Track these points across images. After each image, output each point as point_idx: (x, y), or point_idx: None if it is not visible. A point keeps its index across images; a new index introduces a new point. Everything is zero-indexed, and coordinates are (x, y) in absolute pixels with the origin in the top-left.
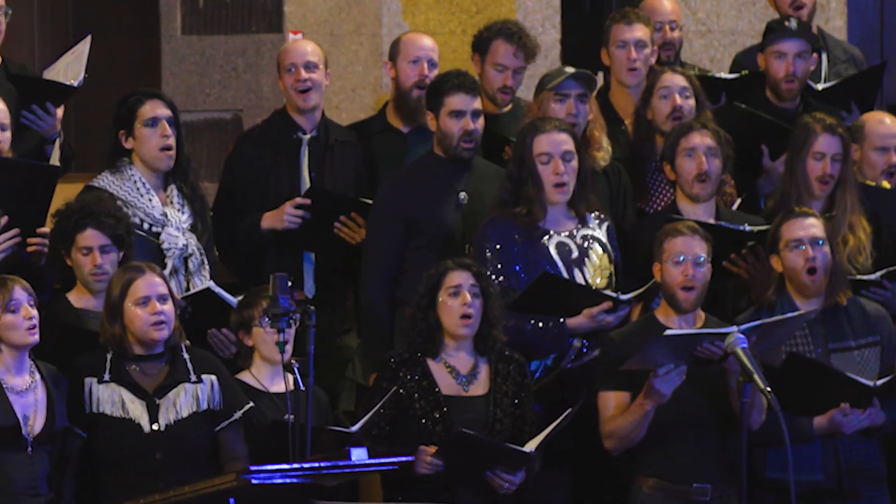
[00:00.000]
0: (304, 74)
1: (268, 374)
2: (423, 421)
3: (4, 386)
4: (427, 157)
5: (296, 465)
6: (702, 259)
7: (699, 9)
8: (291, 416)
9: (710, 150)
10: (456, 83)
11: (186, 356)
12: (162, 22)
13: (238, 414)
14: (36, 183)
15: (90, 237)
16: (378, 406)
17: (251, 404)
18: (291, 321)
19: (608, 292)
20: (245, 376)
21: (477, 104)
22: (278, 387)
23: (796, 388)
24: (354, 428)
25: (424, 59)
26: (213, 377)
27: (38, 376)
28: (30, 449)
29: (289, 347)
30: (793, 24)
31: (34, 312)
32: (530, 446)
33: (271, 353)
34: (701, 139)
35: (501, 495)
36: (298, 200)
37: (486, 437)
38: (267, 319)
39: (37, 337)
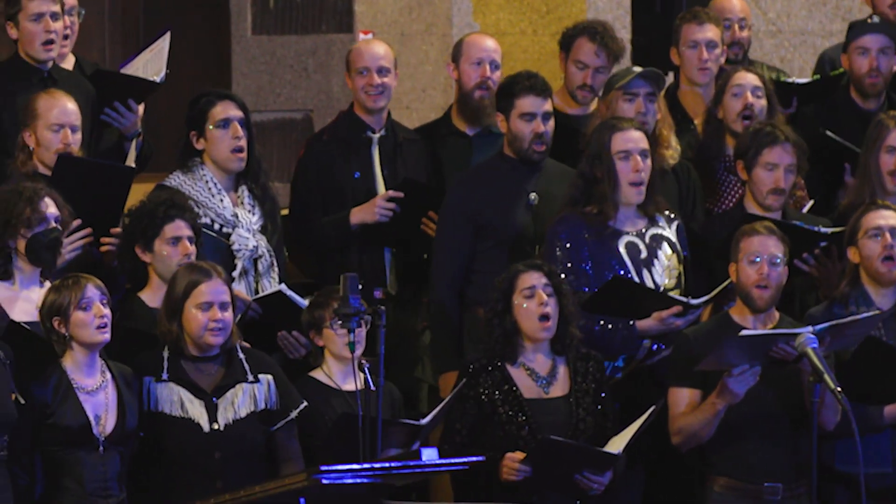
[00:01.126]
0: (377, 80)
1: (339, 372)
2: (507, 426)
3: (75, 385)
4: (497, 158)
5: (366, 465)
6: (778, 259)
7: (769, 9)
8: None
9: (790, 167)
10: (527, 85)
11: (242, 356)
12: (232, 22)
13: (294, 413)
14: (112, 183)
15: (179, 227)
16: (446, 402)
17: (305, 403)
18: (362, 321)
19: (678, 297)
20: (318, 374)
21: (548, 106)
22: (350, 385)
23: (869, 374)
24: (424, 421)
25: (487, 61)
26: (270, 377)
27: (108, 376)
28: (101, 449)
29: (360, 346)
30: (875, 19)
31: (106, 311)
32: (616, 446)
33: (342, 353)
34: (783, 156)
35: (582, 494)
36: (391, 193)
37: (573, 443)
38: (338, 321)
39: (107, 336)
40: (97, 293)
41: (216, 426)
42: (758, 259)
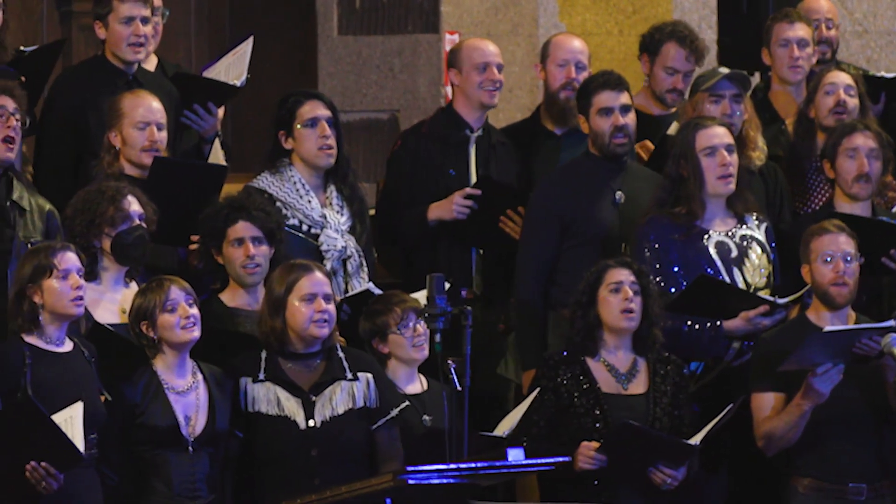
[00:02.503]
0: (496, 75)
1: (403, 375)
2: (583, 419)
3: (165, 386)
4: (583, 157)
5: (452, 466)
6: (850, 256)
7: (856, 9)
8: (428, 418)
9: (872, 151)
10: (601, 81)
11: (342, 354)
12: (318, 22)
13: (394, 412)
14: (204, 182)
15: (241, 229)
16: (527, 407)
17: (407, 403)
18: (448, 322)
19: (765, 296)
20: None
21: (624, 99)
22: (413, 388)
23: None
24: (505, 432)
25: (573, 62)
26: (369, 375)
27: (199, 377)
28: (190, 449)
29: (425, 347)
30: None
31: (192, 311)
32: (693, 440)
33: (410, 356)
34: (864, 140)
35: (661, 492)
36: (468, 190)
37: (650, 429)
38: (404, 324)
39: (196, 333)
40: (182, 294)
41: (312, 423)
42: (831, 257)
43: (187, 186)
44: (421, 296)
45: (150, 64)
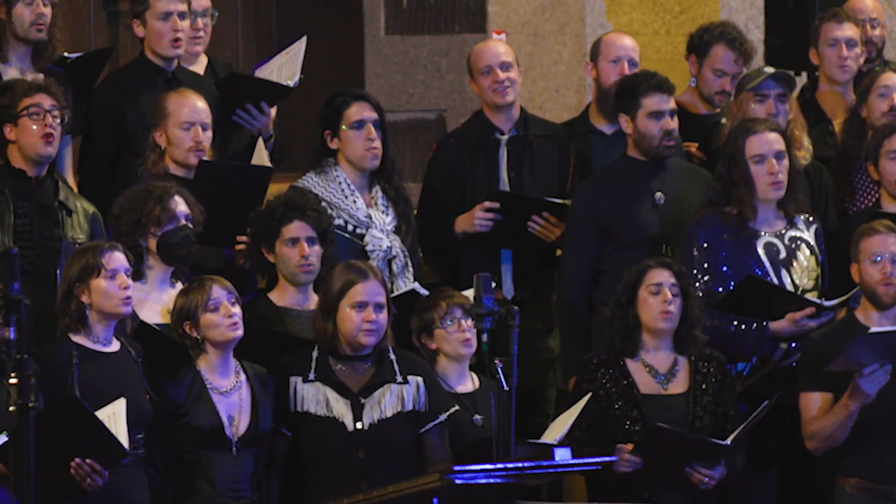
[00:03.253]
0: (501, 75)
1: (454, 374)
2: (622, 421)
3: (209, 386)
4: (621, 160)
5: (499, 466)
6: None
7: None
8: (479, 417)
9: None
10: (653, 84)
11: (393, 357)
12: (365, 22)
13: (443, 416)
14: (249, 183)
15: (297, 228)
16: (577, 416)
17: (456, 407)
18: (494, 321)
19: (812, 298)
20: None
21: (672, 104)
22: (464, 387)
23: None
24: (555, 439)
25: (625, 59)
26: (419, 379)
27: (243, 377)
28: (234, 450)
29: (472, 344)
30: None
31: (235, 310)
32: (727, 439)
33: (457, 352)
34: None
35: (703, 492)
36: (487, 204)
37: (679, 430)
38: (449, 319)
39: (239, 332)
40: (224, 293)
41: (360, 425)
42: (879, 258)
43: (232, 188)
44: (470, 293)
45: (200, 65)
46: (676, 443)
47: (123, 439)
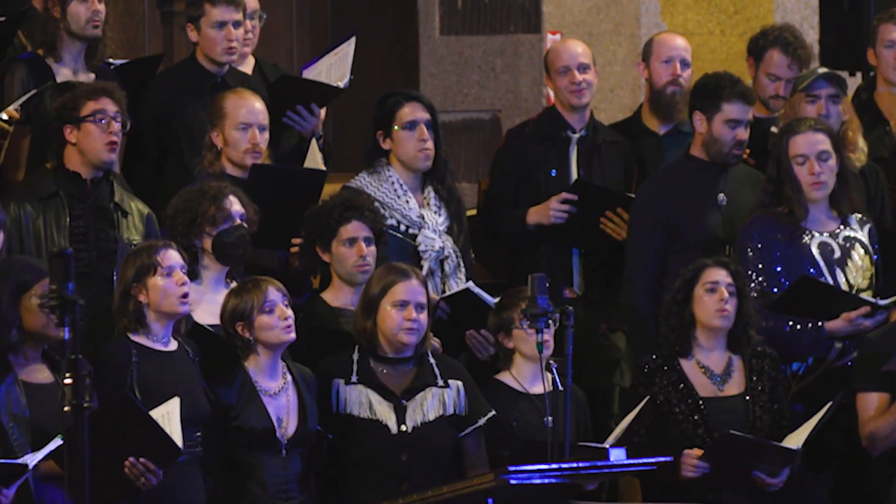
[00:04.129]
0: (578, 77)
1: (529, 375)
2: (683, 425)
3: (258, 388)
4: (685, 160)
5: (554, 466)
6: None
7: None
8: (550, 419)
9: None
10: (736, 91)
11: (433, 361)
12: (420, 22)
13: (482, 421)
14: (304, 186)
15: (355, 228)
16: (632, 418)
17: (494, 412)
18: (550, 321)
19: (867, 297)
20: (505, 377)
21: (750, 115)
22: (539, 388)
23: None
24: (608, 442)
25: (677, 59)
26: (460, 383)
27: (289, 378)
28: (284, 451)
29: (550, 345)
30: None
31: (289, 312)
32: (794, 442)
33: (534, 352)
34: None
35: (765, 494)
36: (564, 195)
37: (752, 437)
38: (527, 321)
39: (293, 335)
40: (279, 295)
41: (404, 428)
42: None
43: (286, 191)
44: None
45: (248, 65)
46: (747, 449)
47: (177, 438)
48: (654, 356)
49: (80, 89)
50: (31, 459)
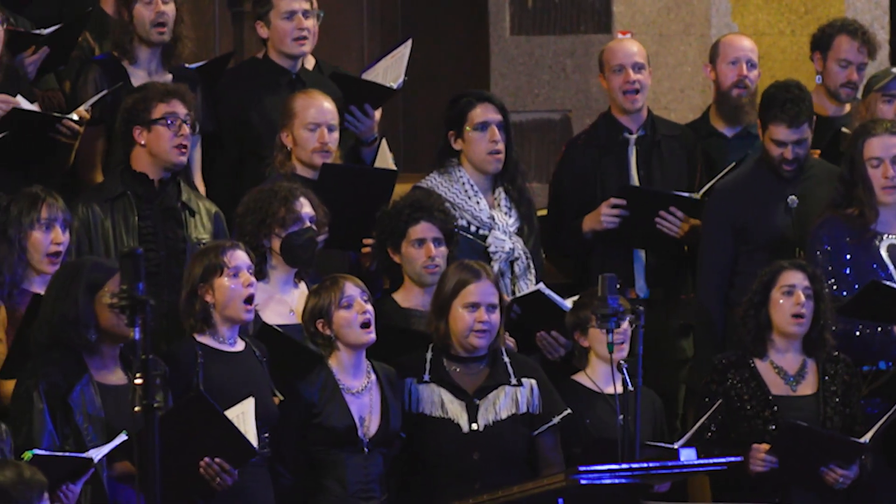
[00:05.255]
0: (632, 76)
1: (603, 375)
2: (753, 421)
3: (341, 387)
4: (758, 162)
5: (625, 466)
6: None
7: None
8: (621, 418)
9: None
10: (784, 116)
11: (507, 359)
12: (491, 22)
13: (556, 419)
14: (374, 186)
15: (424, 229)
16: (704, 418)
17: (569, 411)
18: (620, 321)
19: None
20: (580, 377)
21: (796, 136)
22: (612, 388)
23: None
24: (678, 444)
25: (743, 60)
26: (533, 381)
27: (373, 377)
28: (365, 450)
29: (625, 347)
30: None
31: (368, 307)
32: (864, 438)
33: (606, 354)
34: None
35: (835, 492)
36: (613, 201)
37: (819, 429)
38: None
39: (373, 336)
40: (357, 291)
41: (475, 427)
42: None
43: (357, 191)
44: None
45: (308, 65)
46: (813, 441)
47: (252, 438)
48: (727, 353)
49: (151, 91)
50: (96, 454)
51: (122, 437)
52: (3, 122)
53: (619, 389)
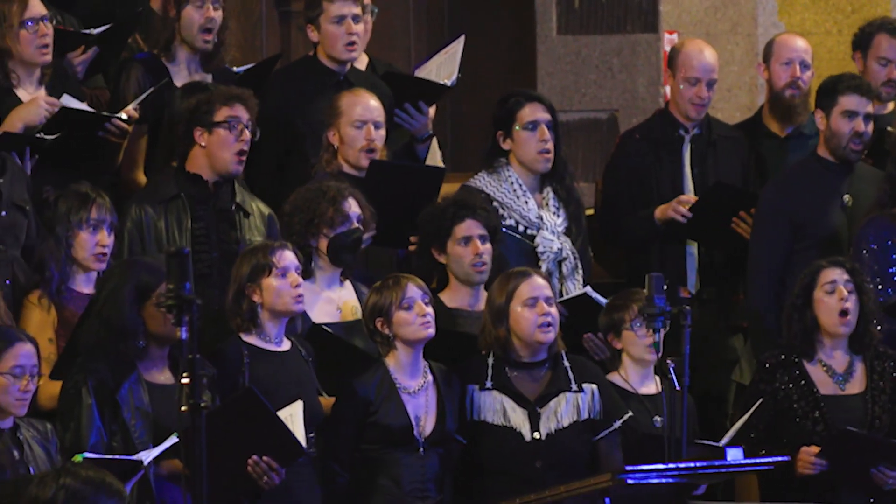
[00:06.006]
0: (705, 93)
1: (637, 375)
2: (802, 422)
3: (398, 386)
4: (811, 159)
5: (671, 466)
6: None
7: None
8: (659, 419)
9: None
10: (852, 84)
11: (567, 364)
12: (537, 22)
13: (617, 423)
14: (422, 184)
15: (469, 227)
16: (745, 417)
17: (630, 413)
18: (667, 322)
19: None
20: (613, 377)
21: (870, 108)
22: (647, 388)
23: None
24: (723, 441)
25: (797, 61)
26: (594, 386)
27: (430, 377)
28: (421, 450)
29: (660, 346)
30: None
31: (429, 310)
32: None
33: (642, 355)
34: None
35: (885, 492)
36: (683, 197)
37: (869, 434)
38: (638, 322)
39: (431, 331)
40: (419, 292)
41: (537, 435)
42: None
43: (404, 188)
44: None
45: (361, 63)
46: (866, 446)
47: (301, 439)
48: (775, 353)
49: (216, 93)
50: (147, 456)
51: (173, 440)
52: (53, 123)
53: (655, 390)
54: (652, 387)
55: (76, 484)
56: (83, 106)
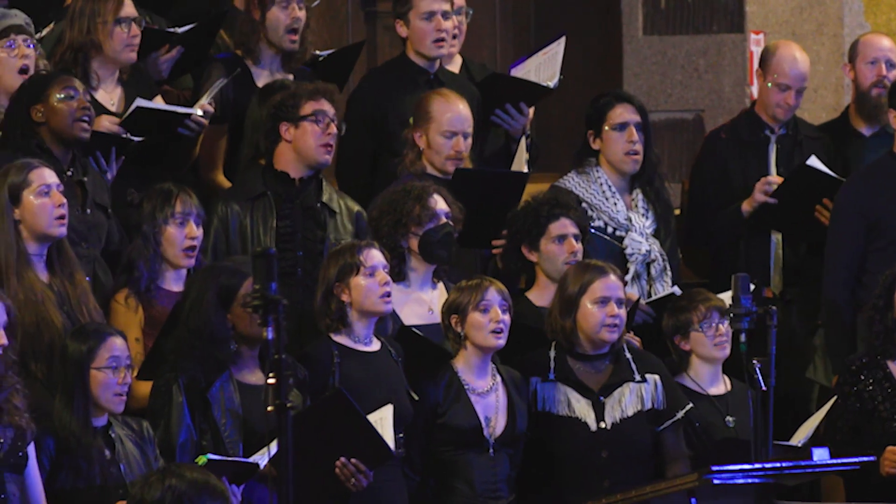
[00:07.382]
0: (793, 101)
1: (707, 376)
2: (887, 423)
3: (466, 387)
4: (888, 157)
5: (757, 466)
6: None
7: None
8: (731, 419)
9: None
10: None
11: (629, 356)
12: (623, 22)
13: (680, 414)
14: (505, 188)
15: (565, 225)
16: (823, 416)
17: (691, 405)
18: (753, 322)
19: None
20: (683, 379)
21: None
22: (717, 389)
23: None
24: (799, 441)
25: (882, 60)
26: (657, 377)
27: (499, 379)
28: (491, 451)
29: (727, 346)
30: None
31: (504, 318)
32: None
33: (712, 355)
34: None
35: None
36: (768, 178)
37: None
38: (707, 323)
39: (501, 342)
40: (498, 297)
41: (603, 425)
42: None
43: (488, 192)
44: (727, 296)
45: (455, 64)
46: None
47: (390, 443)
48: (860, 354)
49: (300, 88)
50: (261, 460)
51: (274, 449)
52: (133, 124)
53: (724, 390)
54: (721, 387)
55: (182, 485)
56: (157, 105)
